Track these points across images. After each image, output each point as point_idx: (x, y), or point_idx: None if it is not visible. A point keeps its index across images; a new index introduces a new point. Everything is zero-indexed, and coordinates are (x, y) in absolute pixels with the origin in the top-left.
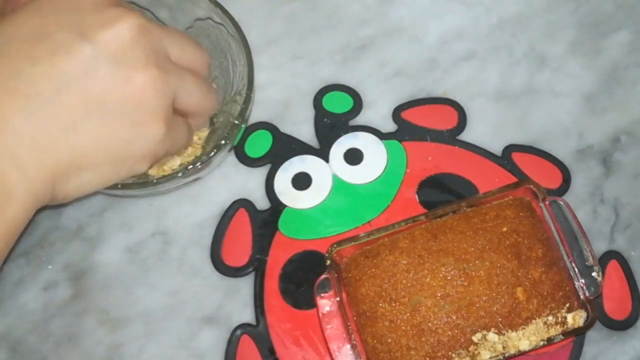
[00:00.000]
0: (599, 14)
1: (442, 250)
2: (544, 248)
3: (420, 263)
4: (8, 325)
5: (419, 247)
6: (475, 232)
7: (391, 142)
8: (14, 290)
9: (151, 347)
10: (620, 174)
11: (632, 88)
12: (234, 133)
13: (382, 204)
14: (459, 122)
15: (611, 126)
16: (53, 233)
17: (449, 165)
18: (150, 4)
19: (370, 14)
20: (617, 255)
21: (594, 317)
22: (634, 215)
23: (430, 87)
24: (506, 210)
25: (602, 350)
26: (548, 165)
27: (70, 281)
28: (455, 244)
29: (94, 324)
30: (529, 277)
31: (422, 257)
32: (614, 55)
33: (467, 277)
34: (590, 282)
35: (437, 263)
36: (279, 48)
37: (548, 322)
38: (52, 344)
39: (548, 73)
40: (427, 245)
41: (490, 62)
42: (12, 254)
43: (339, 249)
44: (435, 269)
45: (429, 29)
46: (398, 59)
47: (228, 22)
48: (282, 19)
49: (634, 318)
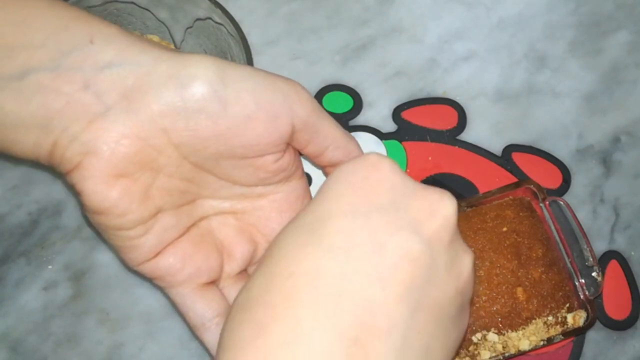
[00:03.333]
0: (599, 14)
1: None
2: (544, 248)
3: None
4: (8, 325)
5: None
6: (475, 232)
7: (391, 142)
8: (14, 290)
9: (151, 347)
10: (620, 174)
11: (632, 88)
12: None
13: None
14: (459, 122)
15: (611, 126)
16: (53, 233)
17: (449, 165)
18: (150, 4)
19: (370, 14)
20: (617, 255)
21: (594, 317)
22: (634, 215)
23: (430, 87)
24: (506, 210)
25: (602, 350)
26: (548, 165)
27: (70, 281)
28: None
29: (94, 324)
30: (529, 277)
31: None
32: (614, 55)
33: None
34: (590, 282)
35: None
36: (279, 48)
37: (548, 322)
38: (52, 344)
39: (548, 73)
40: None
41: (490, 62)
42: (12, 254)
43: None
44: None
45: (429, 29)
46: (398, 59)
47: (228, 22)
48: (282, 19)
49: (634, 318)
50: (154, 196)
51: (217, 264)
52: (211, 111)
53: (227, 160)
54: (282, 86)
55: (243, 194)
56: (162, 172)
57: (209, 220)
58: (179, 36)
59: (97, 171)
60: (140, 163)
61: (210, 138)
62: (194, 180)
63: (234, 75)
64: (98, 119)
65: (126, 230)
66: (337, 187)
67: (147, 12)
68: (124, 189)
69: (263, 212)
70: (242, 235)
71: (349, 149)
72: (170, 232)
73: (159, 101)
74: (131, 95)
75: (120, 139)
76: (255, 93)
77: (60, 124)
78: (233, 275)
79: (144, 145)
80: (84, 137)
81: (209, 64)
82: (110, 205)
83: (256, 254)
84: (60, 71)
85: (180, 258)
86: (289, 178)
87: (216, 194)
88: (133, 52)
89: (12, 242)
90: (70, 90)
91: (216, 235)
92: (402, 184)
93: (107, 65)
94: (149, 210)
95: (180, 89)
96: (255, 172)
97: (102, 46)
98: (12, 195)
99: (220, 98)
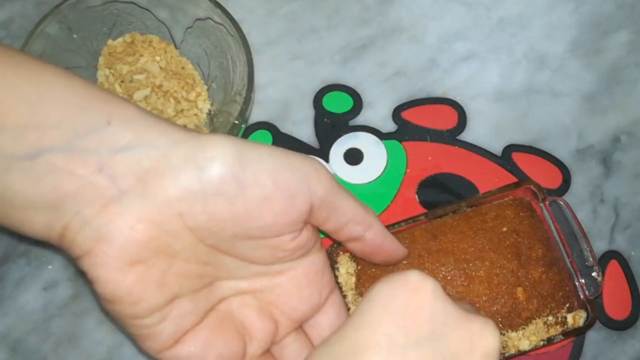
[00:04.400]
0: (599, 14)
1: (442, 251)
2: (544, 248)
3: (420, 263)
4: (8, 325)
5: (419, 247)
6: (475, 232)
7: (391, 142)
8: (14, 290)
9: None
10: (620, 174)
11: (632, 88)
12: (234, 133)
13: (382, 204)
14: (459, 122)
15: (611, 126)
16: None
17: (449, 165)
18: (150, 4)
19: (370, 14)
20: (617, 255)
21: (594, 317)
22: (634, 215)
23: (430, 87)
24: (506, 210)
25: (602, 350)
26: (548, 165)
27: (70, 281)
28: (455, 244)
29: (94, 324)
30: (529, 277)
31: (422, 257)
32: (614, 55)
33: (467, 277)
34: (590, 282)
35: (437, 263)
36: (279, 48)
37: (548, 322)
38: (52, 344)
39: (548, 73)
40: (427, 246)
41: (490, 62)
42: (12, 254)
43: (339, 249)
44: (435, 269)
45: (429, 29)
46: (398, 59)
47: (228, 22)
48: (282, 19)
49: (634, 318)
50: (170, 282)
51: (239, 348)
52: (229, 194)
53: (243, 241)
54: (300, 165)
55: (261, 273)
56: (177, 257)
57: (228, 302)
58: (179, 36)
59: (110, 259)
60: (155, 249)
61: (226, 220)
62: (210, 262)
63: (253, 156)
64: (112, 203)
65: (142, 318)
66: (374, 312)
67: (147, 12)
68: (138, 276)
69: (282, 290)
70: (262, 314)
71: (368, 223)
72: (188, 318)
73: (176, 185)
74: (147, 178)
75: (135, 224)
76: (274, 174)
77: (73, 207)
78: (257, 356)
79: (159, 230)
80: (97, 222)
81: (228, 145)
82: (124, 293)
83: (277, 332)
84: (75, 152)
85: (201, 346)
86: (309, 253)
87: (234, 275)
88: (151, 134)
89: (12, 242)
90: (84, 172)
91: (236, 317)
92: (443, 311)
93: (124, 148)
94: (165, 296)
95: (198, 172)
96: (273, 252)
97: (119, 128)
98: None
99: (239, 181)
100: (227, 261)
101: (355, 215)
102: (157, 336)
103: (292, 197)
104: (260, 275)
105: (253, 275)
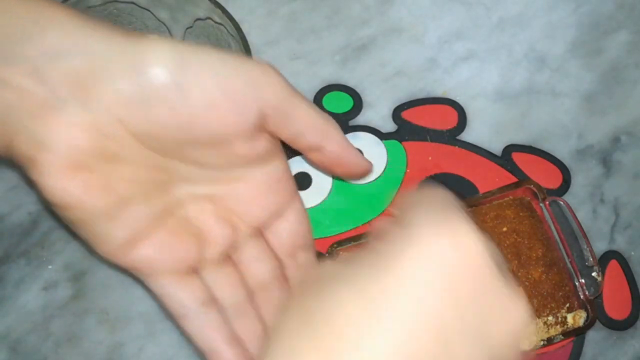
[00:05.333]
0: (599, 14)
1: None
2: (544, 248)
3: None
4: (8, 325)
5: None
6: None
7: (391, 142)
8: (14, 290)
9: (151, 347)
10: (620, 174)
11: (632, 88)
12: None
13: (383, 204)
14: (459, 122)
15: (611, 126)
16: (53, 233)
17: (449, 165)
18: (150, 4)
19: (370, 14)
20: (617, 255)
21: (594, 317)
22: (634, 215)
23: (430, 87)
24: (506, 210)
25: (602, 350)
26: (548, 165)
27: (70, 281)
28: None
29: (94, 324)
30: (529, 277)
31: None
32: (614, 55)
33: None
34: (590, 282)
35: None
36: (279, 48)
37: (548, 322)
38: (52, 344)
39: (548, 73)
40: None
41: (490, 62)
42: (12, 254)
43: (339, 249)
44: None
45: (429, 29)
46: (398, 59)
47: (228, 22)
48: (282, 19)
49: (634, 318)
50: (118, 186)
51: (196, 252)
52: (171, 100)
53: (192, 146)
54: (250, 70)
55: (217, 178)
56: (123, 163)
57: (186, 208)
58: (179, 36)
59: (53, 166)
60: (98, 155)
61: (170, 127)
62: (161, 167)
63: (196, 60)
64: (52, 111)
65: (91, 223)
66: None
67: (147, 12)
68: (82, 181)
69: (241, 196)
70: (220, 220)
71: (326, 133)
72: (143, 223)
73: (115, 91)
74: (86, 85)
75: (75, 131)
76: (218, 78)
77: (14, 118)
78: (215, 262)
79: (100, 136)
80: (38, 131)
81: (169, 48)
82: (71, 198)
83: (236, 238)
84: (9, 61)
85: (157, 248)
86: (268, 160)
87: (188, 179)
88: (88, 40)
89: (12, 242)
90: (21, 82)
91: (194, 223)
92: (488, 275)
93: (61, 55)
94: (112, 200)
95: (137, 77)
96: (225, 157)
97: (55, 34)
98: (12, 195)
99: (180, 86)
100: (179, 166)
101: (313, 123)
102: (110, 240)
103: (239, 103)
104: (218, 181)
105: (209, 181)
